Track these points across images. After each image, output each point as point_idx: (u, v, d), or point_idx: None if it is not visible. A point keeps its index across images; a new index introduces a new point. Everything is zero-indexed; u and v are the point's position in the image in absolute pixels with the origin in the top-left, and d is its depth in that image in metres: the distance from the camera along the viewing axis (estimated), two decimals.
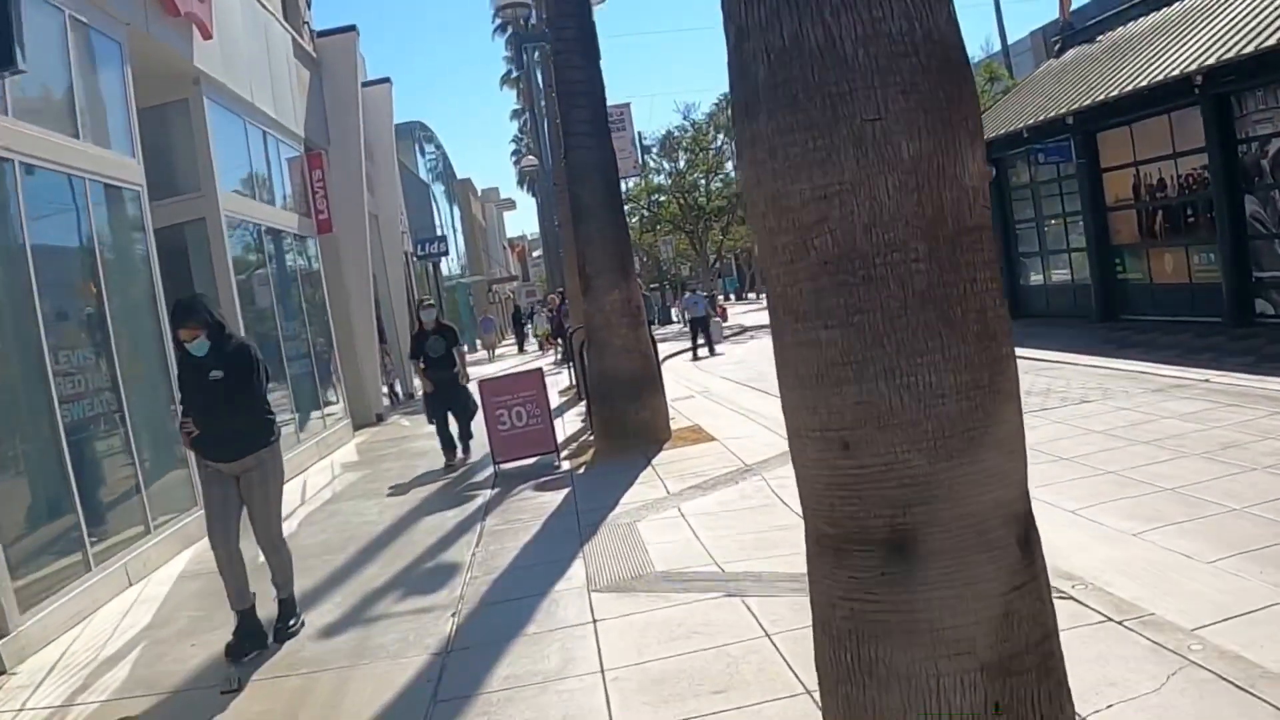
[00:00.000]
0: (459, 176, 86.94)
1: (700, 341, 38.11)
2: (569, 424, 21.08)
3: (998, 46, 63.19)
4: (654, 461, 15.11)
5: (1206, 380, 16.47)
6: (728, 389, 24.74)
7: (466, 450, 18.30)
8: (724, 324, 42.69)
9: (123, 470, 13.02)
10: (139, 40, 15.30)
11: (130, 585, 12.14)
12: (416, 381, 23.38)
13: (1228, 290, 21.82)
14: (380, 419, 27.61)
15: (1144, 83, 22.09)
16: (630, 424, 16.15)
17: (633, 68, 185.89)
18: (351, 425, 25.27)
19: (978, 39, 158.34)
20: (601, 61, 16.72)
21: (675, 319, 65.46)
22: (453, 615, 9.19)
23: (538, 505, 13.54)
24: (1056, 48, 31.66)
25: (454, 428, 18.17)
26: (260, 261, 21.56)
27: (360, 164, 28.88)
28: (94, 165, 13.44)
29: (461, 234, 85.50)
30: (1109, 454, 12.35)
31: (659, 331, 60.59)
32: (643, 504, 12.47)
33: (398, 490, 16.54)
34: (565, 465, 16.20)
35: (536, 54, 32.79)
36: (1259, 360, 17.80)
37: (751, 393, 23.23)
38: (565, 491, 14.11)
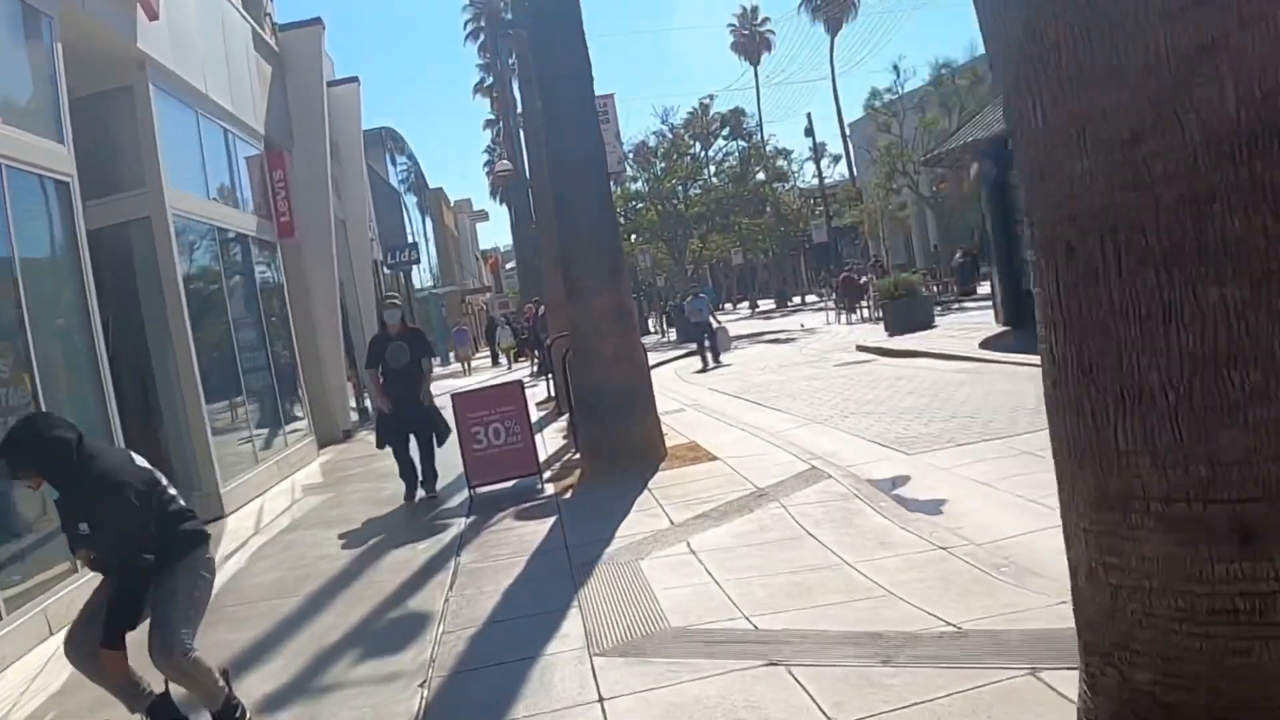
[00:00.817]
0: (431, 186, 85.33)
1: (706, 346, 34.63)
2: (549, 441, 19.49)
3: (981, 49, 61.79)
4: (651, 484, 13.45)
5: None
6: (719, 401, 23.12)
7: (433, 490, 15.44)
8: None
9: (43, 502, 11.22)
10: (72, 15, 13.77)
11: (51, 634, 10.34)
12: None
13: None
14: (348, 435, 26.11)
15: None
16: (621, 442, 14.42)
17: (608, 71, 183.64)
18: (316, 443, 23.74)
19: (962, 41, 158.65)
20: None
21: (653, 329, 64.14)
22: (421, 686, 7.41)
23: (520, 538, 11.80)
24: None
25: (416, 453, 15.53)
26: (214, 266, 19.89)
27: (325, 165, 27.38)
28: (13, 150, 11.85)
29: (434, 244, 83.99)
30: None
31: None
32: (644, 537, 10.74)
33: (362, 518, 14.84)
34: (549, 489, 14.53)
35: (512, 59, 31.37)
36: None
37: (746, 405, 21.67)
38: (551, 521, 12.39)
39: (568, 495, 13.83)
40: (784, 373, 27.78)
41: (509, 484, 14.76)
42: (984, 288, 50.06)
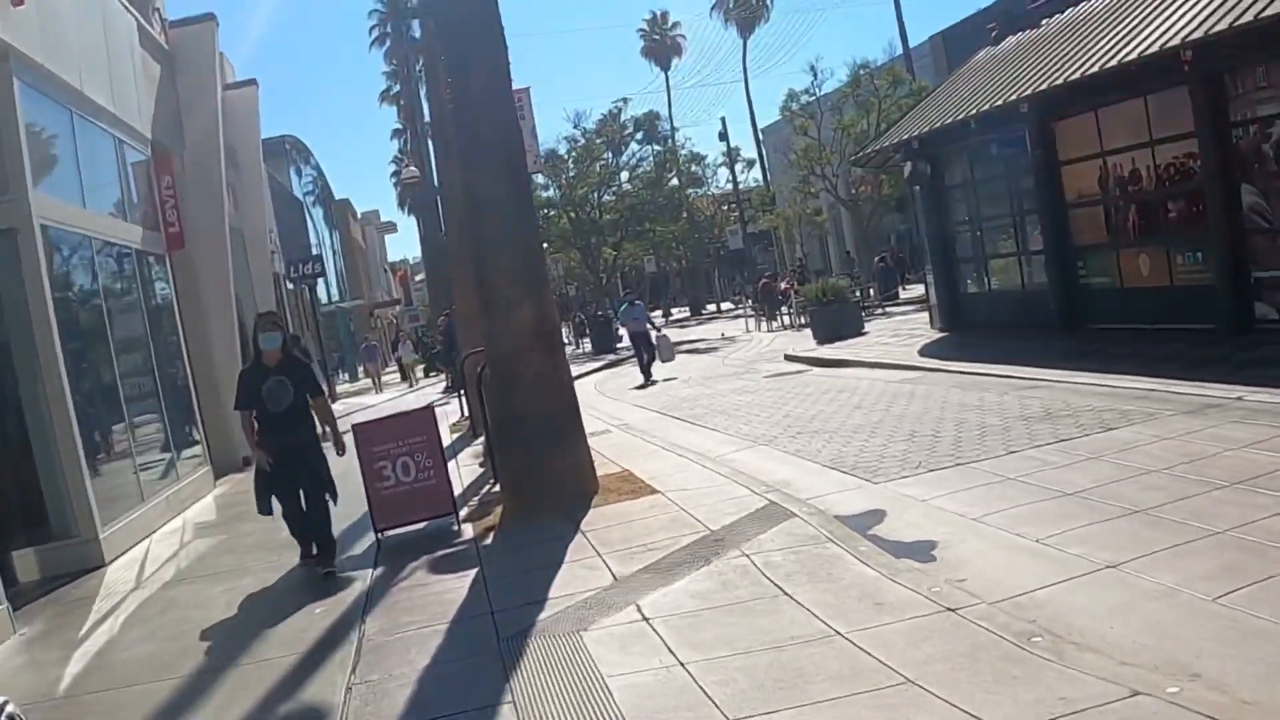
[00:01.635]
0: (337, 197, 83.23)
1: (647, 361, 31.17)
2: (465, 468, 17.87)
3: (900, 50, 61.02)
4: (584, 526, 11.72)
5: (1240, 399, 13.66)
6: (647, 420, 21.47)
7: (331, 563, 12.07)
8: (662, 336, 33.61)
9: None
10: None
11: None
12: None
13: (1223, 293, 18.92)
14: (248, 463, 24.01)
15: (1113, 62, 19.12)
16: (548, 476, 12.71)
17: (516, 75, 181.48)
18: (213, 474, 21.84)
19: (879, 43, 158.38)
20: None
21: (567, 340, 62.39)
22: None
23: (437, 598, 9.98)
24: (994, 35, 28.63)
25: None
26: (92, 282, 17.98)
27: (220, 172, 25.71)
28: None
29: (340, 257, 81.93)
30: (1206, 505, 9.38)
31: None
32: (584, 598, 8.97)
33: (257, 566, 13.07)
34: (467, 531, 12.76)
35: (419, 65, 29.80)
36: None
37: (677, 424, 20.07)
38: (472, 574, 10.58)
39: (488, 540, 12.03)
40: (711, 385, 26.21)
41: (421, 525, 13.04)
42: (908, 291, 49.23)
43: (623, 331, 39.18)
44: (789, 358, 29.99)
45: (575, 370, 38.79)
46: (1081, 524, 9.26)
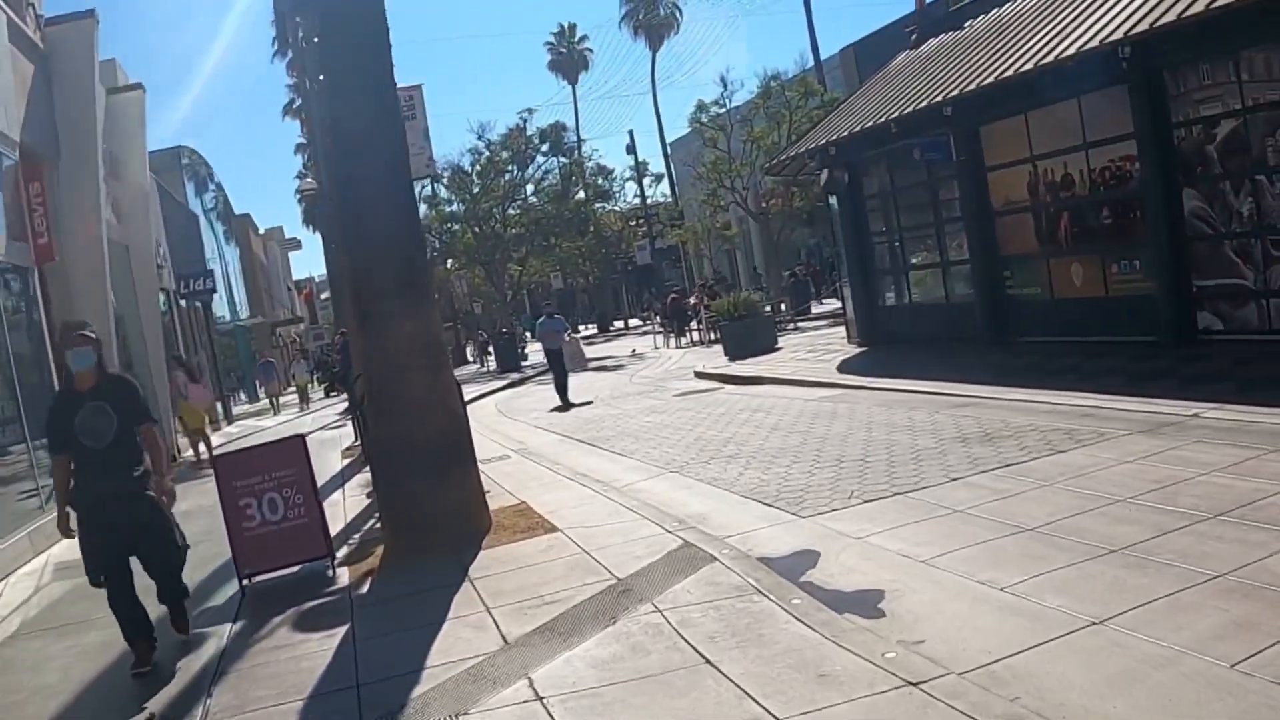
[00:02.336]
0: (240, 213, 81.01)
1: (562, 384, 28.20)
2: (351, 498, 16.30)
3: (811, 62, 60.05)
4: (474, 571, 10.20)
5: (1197, 416, 12.59)
6: (549, 444, 19.98)
7: (185, 628, 10.06)
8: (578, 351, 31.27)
9: None
10: None
11: None
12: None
13: (1165, 303, 17.83)
14: None
15: (1049, 58, 17.99)
16: (434, 512, 11.17)
17: (416, 79, 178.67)
18: None
19: (790, 54, 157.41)
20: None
21: (471, 358, 60.99)
22: None
23: (297, 664, 8.40)
24: (913, 38, 27.48)
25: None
26: None
27: (98, 181, 23.96)
28: None
29: (241, 274, 79.76)
30: (1191, 542, 8.19)
31: (458, 373, 57.12)
32: (468, 667, 7.45)
33: (108, 617, 11.26)
34: (344, 576, 11.18)
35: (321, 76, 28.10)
36: (1240, 387, 13.83)
37: (582, 448, 18.64)
38: (341, 632, 9.03)
39: (365, 587, 10.48)
40: (619, 405, 24.80)
41: (294, 570, 11.47)
42: (822, 305, 48.20)
43: (534, 348, 37.63)
44: (700, 375, 28.68)
45: (477, 389, 37.91)
46: (1052, 567, 7.96)
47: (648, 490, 13.42)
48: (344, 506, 15.28)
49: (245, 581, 11.22)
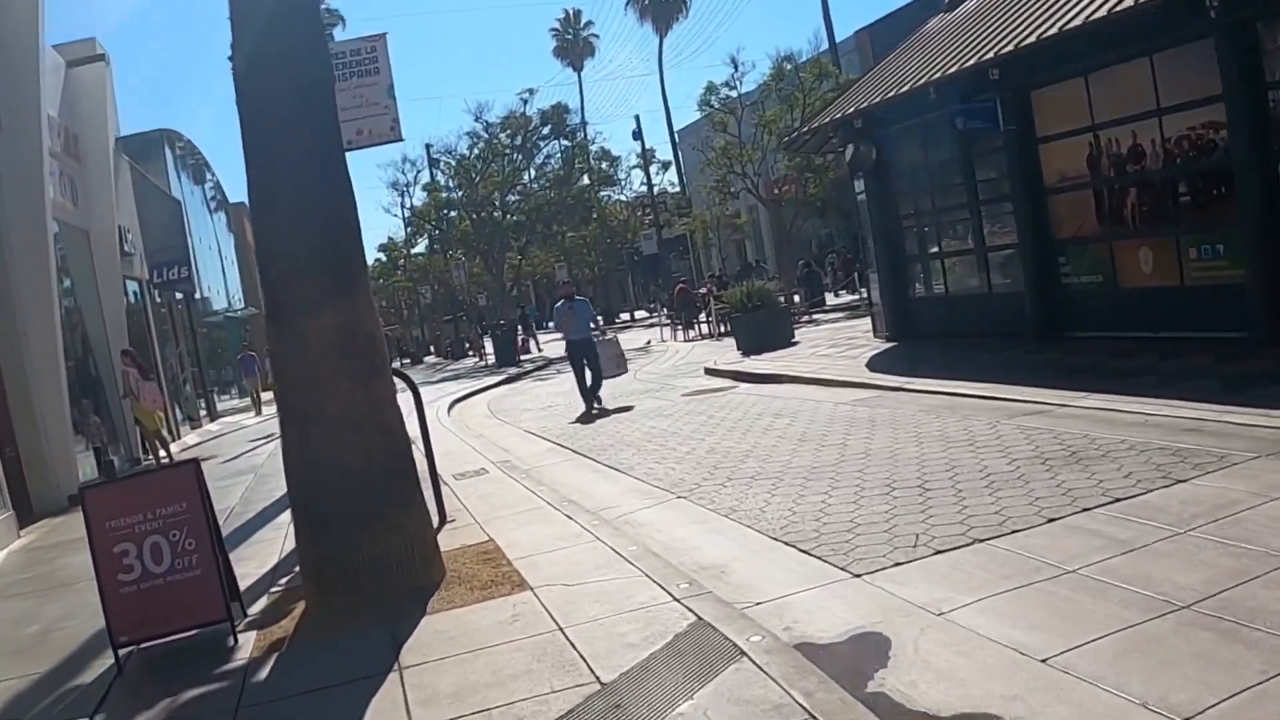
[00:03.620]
0: (232, 200, 78.33)
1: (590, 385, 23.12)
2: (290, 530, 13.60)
3: (826, 44, 57.46)
4: (406, 654, 7.45)
5: None
6: (537, 454, 17.30)
7: None
8: (610, 342, 25.28)
9: None
10: None
11: None
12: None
13: (1258, 294, 15.11)
14: (76, 502, 19.60)
15: (1121, 5, 15.25)
16: (365, 565, 8.49)
17: (414, 60, 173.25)
18: (15, 520, 17.30)
19: (803, 35, 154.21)
20: None
21: (470, 351, 58.35)
22: None
23: None
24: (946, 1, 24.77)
25: None
26: None
27: (42, 159, 21.26)
28: None
29: (236, 264, 77.08)
30: None
31: (454, 367, 54.78)
32: None
33: None
34: (248, 644, 8.44)
35: None
36: None
37: (572, 461, 16.04)
38: None
39: (267, 668, 7.74)
40: (619, 405, 22.16)
41: (188, 635, 8.74)
42: (835, 298, 45.63)
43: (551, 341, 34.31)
44: (710, 371, 26.00)
45: (470, 385, 35.06)
46: (1248, 679, 5.30)
47: (649, 524, 10.77)
48: (283, 542, 12.56)
49: (122, 652, 8.50)
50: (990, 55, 18.13)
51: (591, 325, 24.13)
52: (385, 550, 8.48)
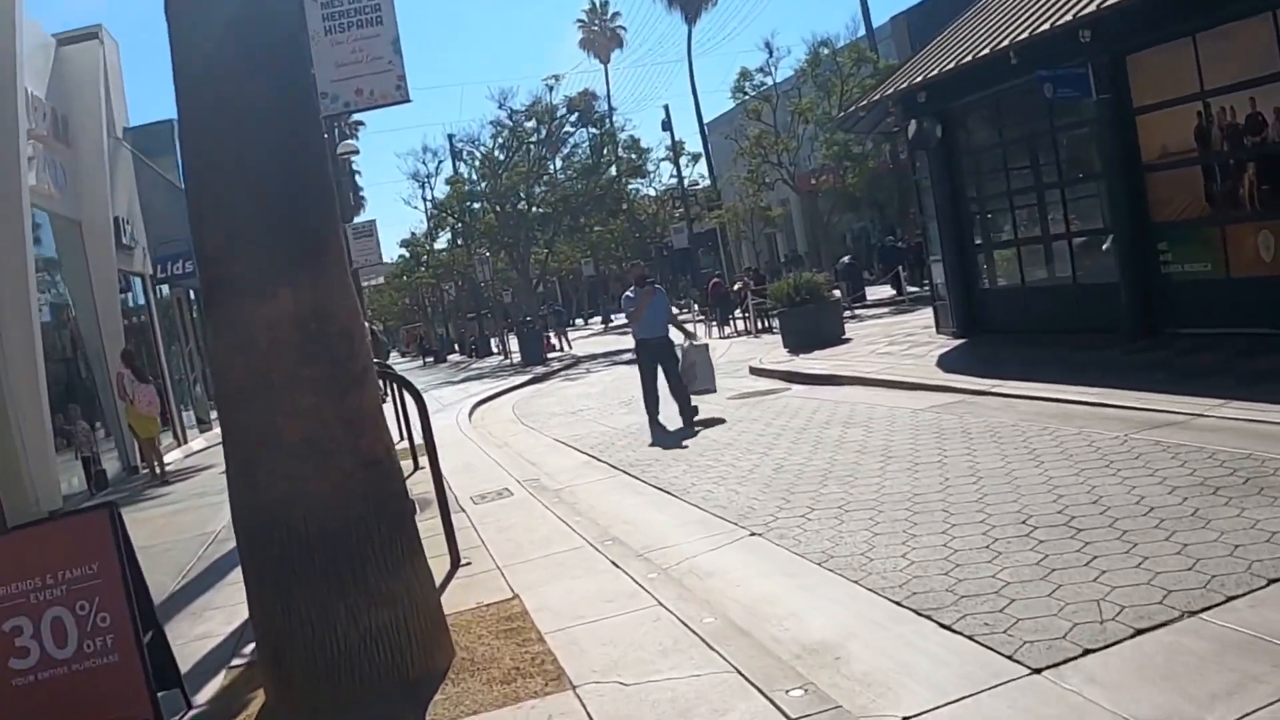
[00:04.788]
0: None
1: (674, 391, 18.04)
2: None
3: (863, 30, 55.46)
4: None
5: None
6: (572, 469, 15.02)
7: None
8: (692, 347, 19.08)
9: None
10: None
11: None
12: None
13: None
14: (56, 517, 17.63)
15: None
16: (340, 649, 6.08)
17: (437, 49, 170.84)
18: None
19: (842, 19, 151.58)
20: None
21: (495, 349, 56.21)
22: None
23: None
24: None
25: None
26: None
27: (19, 139, 19.11)
28: None
29: None
30: None
31: (478, 365, 52.66)
32: None
33: None
34: None
35: None
36: None
37: (613, 479, 13.75)
38: None
39: None
40: (661, 410, 19.86)
41: None
42: (876, 291, 43.56)
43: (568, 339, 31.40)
44: (756, 371, 23.68)
45: (494, 386, 32.78)
46: None
47: (722, 575, 8.39)
48: None
49: None
50: (1090, 8, 15.73)
51: (669, 319, 18.93)
52: (369, 628, 6.07)
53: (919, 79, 20.10)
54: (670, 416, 17.58)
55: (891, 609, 6.98)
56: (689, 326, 22.65)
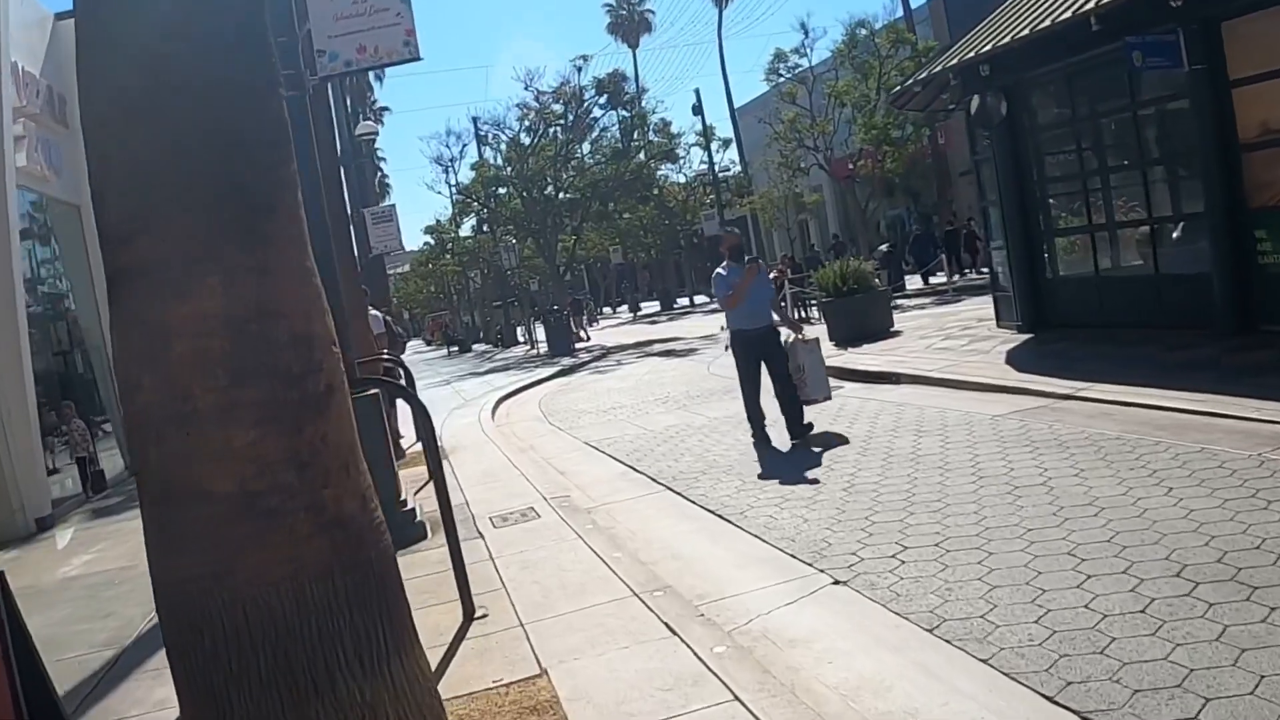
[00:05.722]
0: None
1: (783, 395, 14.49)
2: None
3: (901, 11, 54.05)
4: None
5: None
6: (608, 480, 13.31)
7: None
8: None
9: None
10: None
11: None
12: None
13: None
14: (45, 527, 16.56)
15: None
16: None
17: (461, 32, 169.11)
18: None
19: (875, 1, 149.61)
20: None
21: (521, 338, 54.65)
22: None
23: None
24: None
25: None
26: None
27: (4, 117, 17.52)
28: None
29: None
30: None
31: (504, 356, 51.07)
32: None
33: None
34: None
35: None
36: None
37: (657, 496, 12.04)
38: None
39: None
40: (699, 409, 18.13)
41: None
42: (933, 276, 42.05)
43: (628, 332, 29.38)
44: None
45: (519, 379, 31.12)
46: None
47: (804, 642, 6.64)
48: None
49: None
50: None
51: (774, 294, 15.59)
52: None
53: (986, 47, 18.24)
54: (773, 421, 14.22)
55: (1045, 708, 5.24)
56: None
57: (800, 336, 14.72)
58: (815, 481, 11.05)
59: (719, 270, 14.66)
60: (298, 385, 4.27)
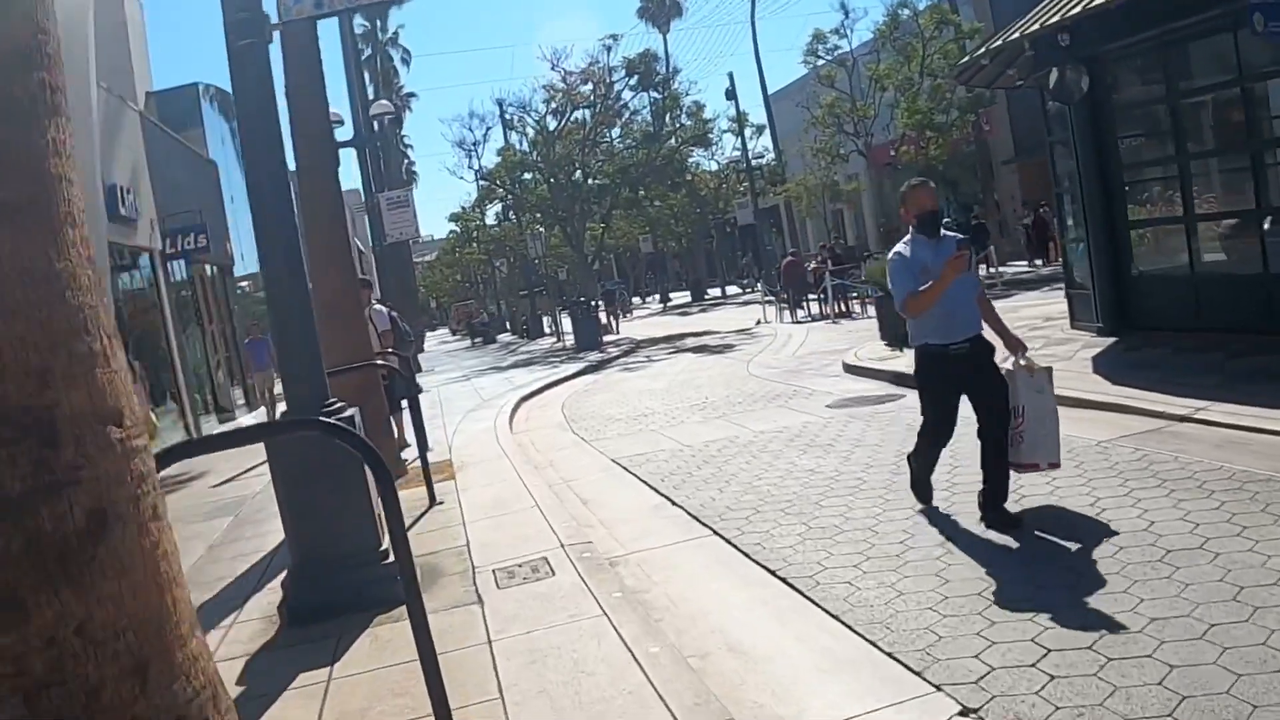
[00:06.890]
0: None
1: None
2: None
3: None
4: None
5: None
6: (639, 518, 11.18)
7: None
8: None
9: None
10: None
11: None
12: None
13: None
14: None
15: None
16: None
17: (487, 12, 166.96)
18: None
19: None
20: None
21: (548, 329, 52.68)
22: None
23: None
24: None
25: None
26: None
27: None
28: None
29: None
30: None
31: (529, 348, 48.94)
32: None
33: None
34: None
35: None
36: None
37: (701, 543, 9.88)
38: None
39: None
40: (742, 419, 16.05)
41: None
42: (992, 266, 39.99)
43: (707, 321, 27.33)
44: (851, 369, 19.83)
45: (543, 375, 28.92)
46: None
47: None
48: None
49: None
50: None
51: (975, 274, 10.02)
52: None
53: (1075, 9, 16.01)
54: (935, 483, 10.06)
55: None
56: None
57: (1022, 360, 9.26)
58: (896, 526, 8.96)
59: (898, 249, 9.27)
60: (16, 518, 2.19)
